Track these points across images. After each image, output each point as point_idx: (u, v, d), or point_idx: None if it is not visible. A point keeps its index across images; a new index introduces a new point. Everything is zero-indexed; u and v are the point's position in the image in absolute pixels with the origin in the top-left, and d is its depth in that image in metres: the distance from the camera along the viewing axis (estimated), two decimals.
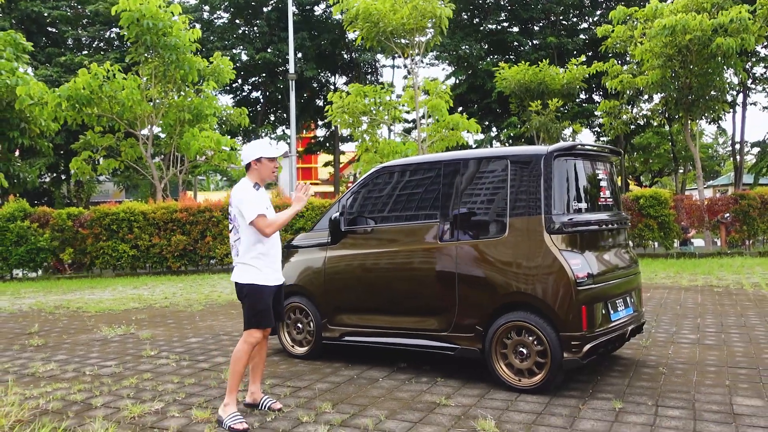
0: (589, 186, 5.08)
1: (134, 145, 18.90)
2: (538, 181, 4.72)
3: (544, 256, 4.64)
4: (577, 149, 4.91)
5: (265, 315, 4.23)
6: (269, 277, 4.27)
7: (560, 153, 4.80)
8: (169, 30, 17.04)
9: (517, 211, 4.79)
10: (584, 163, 5.04)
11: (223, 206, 15.81)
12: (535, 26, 33.57)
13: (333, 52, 33.48)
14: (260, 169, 4.28)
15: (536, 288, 4.65)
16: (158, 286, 12.79)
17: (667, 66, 17.68)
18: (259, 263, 4.25)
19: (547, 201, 4.67)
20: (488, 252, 4.87)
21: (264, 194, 4.33)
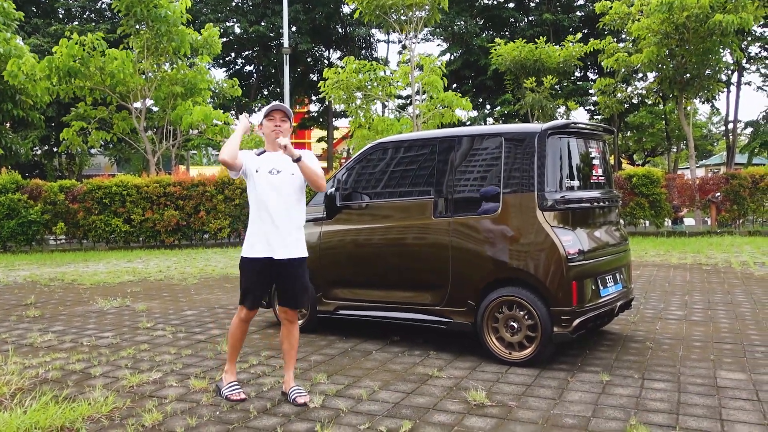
0: (582, 164, 5.15)
1: (126, 118, 18.78)
2: (532, 158, 4.78)
3: (536, 232, 4.72)
4: (571, 127, 4.96)
5: (246, 293, 4.01)
6: (256, 249, 3.94)
7: (554, 131, 4.85)
8: (159, 2, 16.82)
9: (510, 188, 4.85)
10: (577, 141, 5.10)
11: (217, 181, 15.80)
12: (531, 2, 33.36)
13: (327, 26, 33.17)
14: (264, 132, 4.04)
15: (528, 264, 4.73)
16: (152, 260, 12.85)
17: (663, 44, 17.65)
18: (249, 232, 4.04)
19: (540, 178, 4.74)
20: (481, 228, 4.94)
21: (265, 158, 4.00)
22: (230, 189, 15.72)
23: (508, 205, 4.85)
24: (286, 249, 3.94)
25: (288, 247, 3.95)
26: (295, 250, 3.98)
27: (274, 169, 3.95)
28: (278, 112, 4.00)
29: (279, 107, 4.00)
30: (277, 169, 3.95)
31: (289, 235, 3.95)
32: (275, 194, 3.93)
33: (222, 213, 15.70)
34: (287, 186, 3.96)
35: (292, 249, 3.97)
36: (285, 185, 3.96)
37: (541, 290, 4.69)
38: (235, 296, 8.23)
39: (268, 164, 3.97)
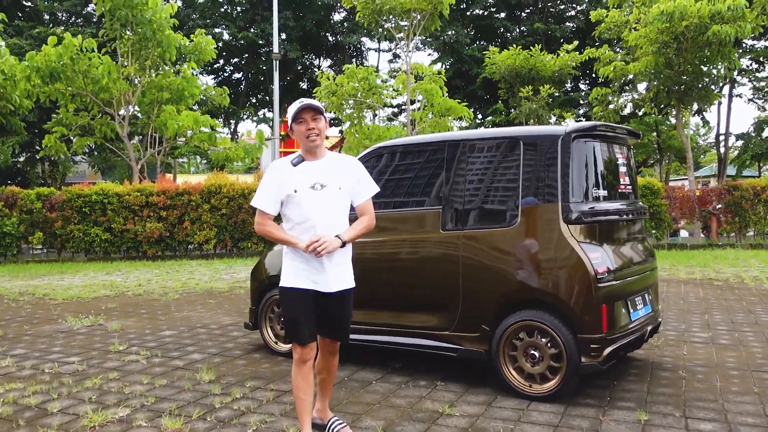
0: (609, 171, 4.60)
1: (109, 123, 18.09)
2: (555, 164, 4.22)
3: (560, 248, 4.15)
4: (598, 130, 4.41)
5: (295, 325, 3.34)
6: (301, 280, 3.31)
7: (579, 134, 4.30)
8: (144, 6, 16.20)
9: (529, 199, 4.28)
10: (603, 145, 4.55)
11: (203, 190, 15.15)
12: (523, 12, 33.08)
13: (318, 33, 32.70)
14: (296, 138, 3.38)
15: (551, 283, 4.17)
16: (132, 272, 12.16)
17: (661, 53, 17.29)
18: (289, 258, 3.38)
19: (564, 187, 4.18)
20: (496, 243, 4.38)
21: (304, 169, 3.33)
22: (216, 198, 15.07)
23: (527, 216, 4.28)
24: (339, 279, 3.36)
25: (341, 277, 3.37)
26: (348, 279, 3.43)
27: (317, 183, 3.30)
28: (307, 112, 3.30)
29: (307, 105, 3.29)
30: (321, 183, 3.30)
31: (342, 263, 3.38)
32: (321, 213, 3.29)
33: (208, 223, 15.04)
34: (335, 203, 3.33)
35: (347, 278, 3.42)
36: (332, 202, 3.32)
37: (566, 314, 4.12)
38: (219, 313, 7.60)
39: (309, 177, 3.31)
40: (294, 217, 3.35)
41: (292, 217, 3.36)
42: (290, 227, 3.36)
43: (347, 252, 3.43)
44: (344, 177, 3.38)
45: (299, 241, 3.26)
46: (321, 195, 3.30)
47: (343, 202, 3.38)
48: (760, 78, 34.20)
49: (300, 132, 3.32)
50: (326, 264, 3.31)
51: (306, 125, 3.30)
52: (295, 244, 3.28)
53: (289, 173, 3.33)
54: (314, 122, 3.31)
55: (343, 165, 3.44)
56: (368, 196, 3.49)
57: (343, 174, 3.38)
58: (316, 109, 3.32)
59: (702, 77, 18.04)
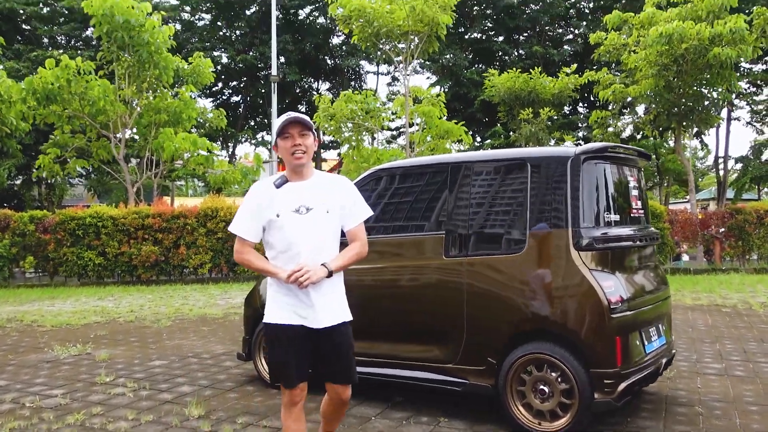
0: (620, 195, 4.39)
1: (106, 146, 17.92)
2: (564, 187, 4.01)
3: (570, 275, 3.93)
4: (609, 151, 4.20)
5: (280, 368, 3.05)
6: (284, 314, 3.01)
7: (589, 155, 4.09)
8: (141, 28, 16.12)
9: (537, 224, 4.07)
10: (614, 167, 4.35)
11: (199, 213, 14.92)
12: (521, 36, 33.22)
13: (316, 57, 32.76)
14: (281, 154, 3.07)
15: (561, 314, 3.93)
16: (125, 298, 11.87)
17: (660, 75, 17.21)
18: (272, 291, 3.10)
19: (574, 212, 3.97)
20: (503, 270, 4.15)
21: (288, 191, 3.03)
22: (213, 222, 14.84)
23: (535, 242, 4.06)
24: (329, 313, 3.03)
25: (331, 310, 3.04)
26: (339, 312, 3.08)
27: (302, 206, 3.00)
28: (294, 126, 3.01)
29: (294, 119, 3.01)
30: (306, 206, 3.00)
31: (331, 293, 3.05)
32: (307, 240, 2.98)
33: (203, 247, 14.78)
34: (322, 228, 3.02)
35: (336, 312, 3.07)
36: (319, 227, 3.01)
37: (577, 347, 3.87)
38: (211, 341, 7.33)
39: (293, 200, 3.01)
40: (277, 245, 3.04)
41: (275, 245, 3.05)
42: (273, 256, 3.07)
43: (337, 281, 3.12)
44: (333, 199, 3.08)
45: (280, 271, 2.97)
46: (306, 219, 3.00)
47: (332, 227, 3.08)
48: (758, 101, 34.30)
49: (285, 148, 3.03)
50: (313, 296, 2.99)
51: (292, 141, 3.01)
52: (276, 274, 2.98)
53: (271, 196, 3.03)
54: (301, 138, 3.02)
55: (331, 186, 3.13)
56: (360, 221, 3.18)
57: (332, 196, 3.09)
58: (305, 124, 3.03)
59: (702, 100, 17.95)
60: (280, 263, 3.02)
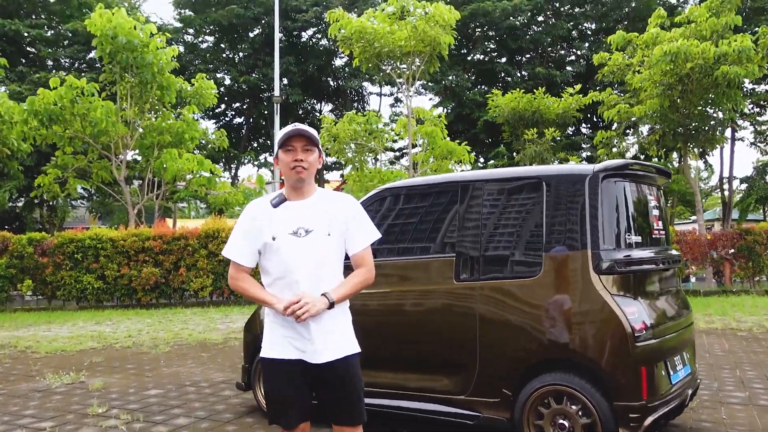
0: (641, 215, 4.16)
1: (107, 167, 17.79)
2: (583, 207, 3.78)
3: (590, 301, 3.68)
4: (629, 168, 3.98)
5: (277, 406, 2.80)
6: (279, 348, 2.74)
7: (609, 173, 3.87)
8: (145, 49, 16.09)
9: (554, 245, 3.83)
10: (634, 186, 4.12)
11: (200, 234, 14.71)
12: (524, 57, 33.26)
13: (319, 78, 32.82)
14: (281, 169, 2.79)
15: (581, 342, 3.68)
16: (123, 322, 11.61)
17: (666, 95, 17.07)
18: (268, 322, 2.82)
19: (593, 233, 3.73)
20: (518, 295, 3.90)
21: (286, 210, 2.76)
22: (214, 243, 14.62)
23: (553, 265, 3.82)
24: (331, 346, 2.73)
25: (332, 343, 2.73)
26: (343, 344, 2.77)
27: (300, 228, 2.72)
28: (298, 139, 2.74)
29: (298, 131, 2.73)
30: (305, 228, 2.72)
31: (332, 323, 2.74)
32: (305, 266, 2.70)
33: (204, 270, 14.54)
34: (323, 252, 2.73)
35: (339, 344, 2.76)
36: (319, 251, 2.72)
37: (600, 378, 3.62)
38: (211, 369, 7.06)
39: (291, 221, 2.73)
40: (273, 271, 2.75)
41: (271, 270, 2.76)
42: (270, 282, 2.78)
43: (341, 310, 2.81)
44: (335, 220, 2.78)
45: (277, 302, 2.68)
46: (305, 243, 2.71)
47: (334, 250, 2.78)
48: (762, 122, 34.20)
49: (285, 162, 2.74)
50: (313, 328, 2.69)
51: (294, 155, 2.73)
52: (272, 304, 2.69)
53: (267, 216, 2.76)
54: (304, 153, 2.75)
55: (334, 205, 2.83)
56: (366, 244, 2.87)
57: (335, 216, 2.79)
58: (309, 138, 2.75)
59: (708, 120, 17.79)
60: (276, 291, 2.74)
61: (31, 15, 28.79)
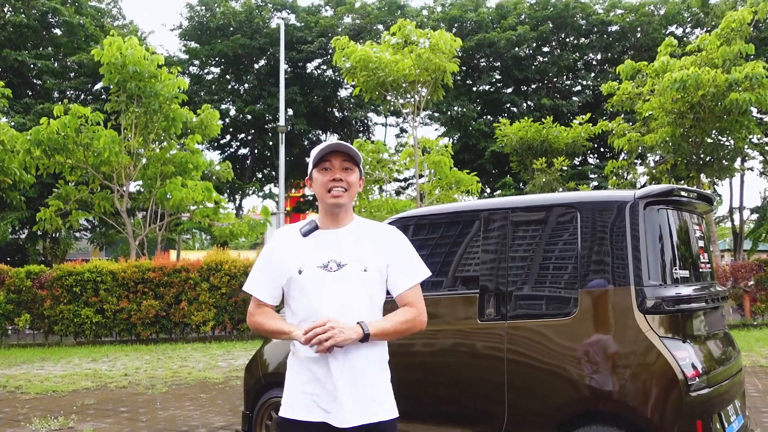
0: (686, 246, 3.75)
1: (109, 198, 17.50)
2: (624, 238, 3.38)
3: (635, 344, 3.26)
4: (674, 194, 3.58)
5: None
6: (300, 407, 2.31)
7: (652, 199, 3.48)
8: (153, 79, 15.94)
9: (592, 281, 3.42)
10: (677, 214, 3.72)
11: (202, 266, 14.30)
12: (530, 87, 33.20)
13: (325, 109, 32.79)
14: (315, 190, 2.41)
15: (625, 391, 3.24)
16: (121, 359, 11.14)
17: (677, 123, 16.78)
18: (289, 375, 2.40)
19: (637, 267, 3.33)
20: (551, 337, 3.48)
21: (317, 240, 2.38)
22: (216, 277, 14.19)
23: (591, 304, 3.41)
24: (361, 406, 2.27)
25: (362, 403, 2.28)
26: (377, 407, 2.31)
27: (332, 261, 2.32)
28: (337, 155, 2.36)
29: (338, 147, 2.36)
30: (338, 261, 2.32)
31: (363, 377, 2.29)
32: (336, 306, 2.28)
33: (206, 304, 14.09)
34: (357, 290, 2.31)
35: (372, 407, 2.30)
36: (354, 289, 2.31)
37: None
38: (210, 411, 6.58)
39: (322, 252, 2.34)
40: (298, 310, 2.35)
41: (296, 310, 2.36)
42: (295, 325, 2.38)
43: (377, 359, 2.34)
44: (375, 253, 2.35)
45: (296, 330, 2.28)
46: (337, 278, 2.30)
47: (372, 289, 2.34)
48: None
49: (321, 182, 2.34)
50: (339, 381, 2.23)
51: (330, 174, 2.34)
52: (290, 333, 2.29)
53: (294, 246, 2.38)
54: (344, 173, 2.35)
55: (374, 236, 2.42)
56: (413, 283, 2.42)
57: (374, 249, 2.36)
58: (350, 155, 2.36)
59: (720, 149, 17.47)
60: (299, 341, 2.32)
61: (38, 47, 28.91)
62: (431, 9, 32.95)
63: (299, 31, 30.58)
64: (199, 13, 31.48)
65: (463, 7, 31.54)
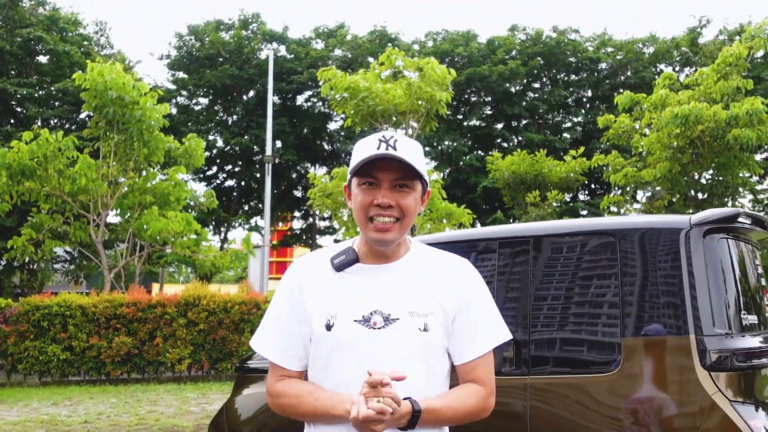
0: (750, 284, 3.08)
1: (86, 228, 16.68)
2: (679, 274, 2.71)
3: (698, 411, 2.56)
4: (739, 221, 2.92)
5: None
6: None
7: (713, 226, 2.82)
8: (135, 105, 15.31)
9: (639, 327, 2.74)
10: (738, 245, 3.06)
11: (179, 301, 13.46)
12: (520, 123, 33.02)
13: (314, 141, 32.35)
14: (353, 208, 1.71)
15: None
16: (85, 402, 10.22)
17: (675, 158, 16.39)
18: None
19: (698, 311, 2.65)
20: (585, 398, 2.78)
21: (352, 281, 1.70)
22: (194, 312, 13.35)
23: (636, 356, 2.72)
24: None
25: None
26: None
27: (376, 313, 1.65)
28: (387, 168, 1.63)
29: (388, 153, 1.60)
30: (386, 315, 1.65)
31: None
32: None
33: (183, 340, 13.21)
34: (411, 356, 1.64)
35: None
36: (405, 355, 1.63)
37: None
38: None
39: (362, 299, 1.67)
40: (326, 378, 1.66)
41: (324, 377, 1.67)
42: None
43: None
44: (440, 302, 1.67)
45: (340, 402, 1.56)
46: (382, 339, 1.62)
47: (433, 357, 1.67)
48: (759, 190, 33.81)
49: (360, 205, 1.65)
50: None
51: (374, 194, 1.64)
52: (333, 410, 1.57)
53: (321, 285, 1.69)
54: (396, 194, 1.64)
55: (441, 275, 1.71)
56: (489, 348, 1.74)
57: (440, 295, 1.68)
58: (405, 169, 1.62)
59: (720, 186, 17.11)
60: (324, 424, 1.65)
61: (21, 74, 28.36)
62: (422, 43, 32.90)
63: (289, 63, 30.29)
64: (188, 42, 31.16)
65: (453, 41, 31.51)
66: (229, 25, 31.54)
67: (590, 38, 32.28)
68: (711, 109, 15.15)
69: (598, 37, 32.06)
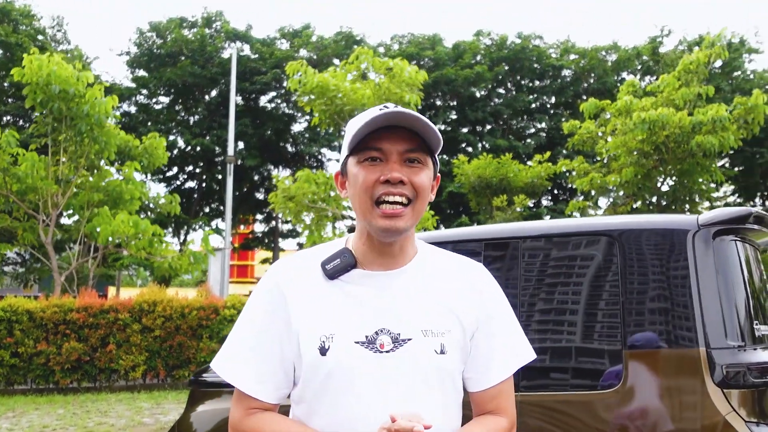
0: (760, 291, 2.84)
1: (35, 228, 15.88)
2: (686, 280, 2.45)
3: (708, 429, 2.29)
4: (750, 221, 2.67)
5: None
6: None
7: (723, 227, 2.57)
8: (81, 99, 14.56)
9: (642, 339, 2.46)
10: (747, 248, 2.82)
11: (133, 306, 12.84)
12: (485, 128, 33.10)
13: (277, 143, 31.81)
14: (351, 194, 1.40)
15: None
16: (29, 413, 9.58)
17: (640, 164, 16.51)
18: None
19: (708, 321, 2.39)
20: (583, 417, 2.49)
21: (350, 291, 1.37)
22: (149, 317, 12.75)
23: (640, 371, 2.44)
24: None
25: None
26: None
27: (383, 332, 1.33)
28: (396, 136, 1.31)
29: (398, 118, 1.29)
30: (395, 334, 1.33)
31: None
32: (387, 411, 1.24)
33: (137, 347, 12.59)
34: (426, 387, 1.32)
35: None
36: (420, 385, 1.32)
37: None
38: None
39: (365, 314, 1.35)
40: (317, 416, 1.34)
41: (318, 412, 1.34)
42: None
43: None
44: (457, 316, 1.36)
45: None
46: (392, 365, 1.32)
47: (450, 383, 1.36)
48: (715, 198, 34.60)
49: (363, 185, 1.33)
50: None
51: (381, 169, 1.32)
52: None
53: (312, 296, 1.37)
54: (408, 169, 1.32)
55: (456, 284, 1.40)
56: (512, 371, 1.44)
57: (456, 308, 1.37)
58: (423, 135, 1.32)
59: (684, 191, 17.29)
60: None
61: None
62: (387, 46, 32.70)
63: (253, 62, 29.73)
64: (150, 39, 30.30)
65: (420, 45, 31.41)
66: (192, 22, 30.81)
67: (554, 45, 32.60)
68: (677, 115, 15.28)
69: (562, 44, 32.40)
